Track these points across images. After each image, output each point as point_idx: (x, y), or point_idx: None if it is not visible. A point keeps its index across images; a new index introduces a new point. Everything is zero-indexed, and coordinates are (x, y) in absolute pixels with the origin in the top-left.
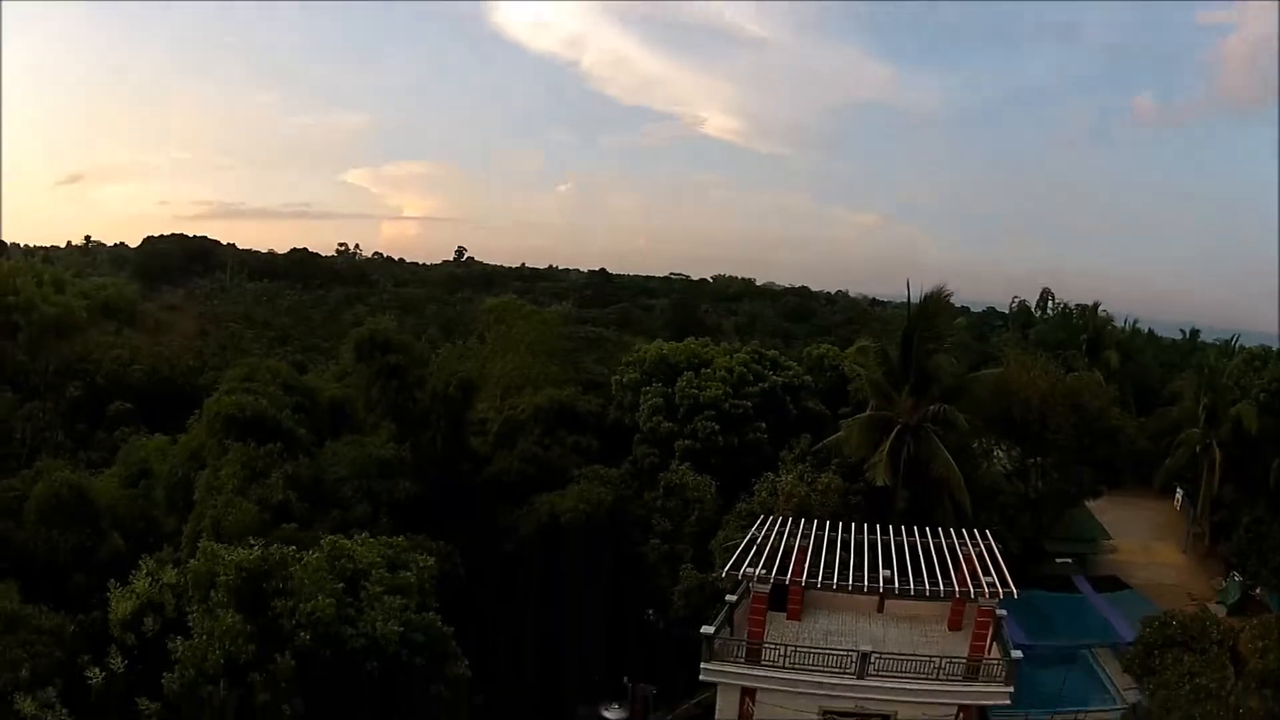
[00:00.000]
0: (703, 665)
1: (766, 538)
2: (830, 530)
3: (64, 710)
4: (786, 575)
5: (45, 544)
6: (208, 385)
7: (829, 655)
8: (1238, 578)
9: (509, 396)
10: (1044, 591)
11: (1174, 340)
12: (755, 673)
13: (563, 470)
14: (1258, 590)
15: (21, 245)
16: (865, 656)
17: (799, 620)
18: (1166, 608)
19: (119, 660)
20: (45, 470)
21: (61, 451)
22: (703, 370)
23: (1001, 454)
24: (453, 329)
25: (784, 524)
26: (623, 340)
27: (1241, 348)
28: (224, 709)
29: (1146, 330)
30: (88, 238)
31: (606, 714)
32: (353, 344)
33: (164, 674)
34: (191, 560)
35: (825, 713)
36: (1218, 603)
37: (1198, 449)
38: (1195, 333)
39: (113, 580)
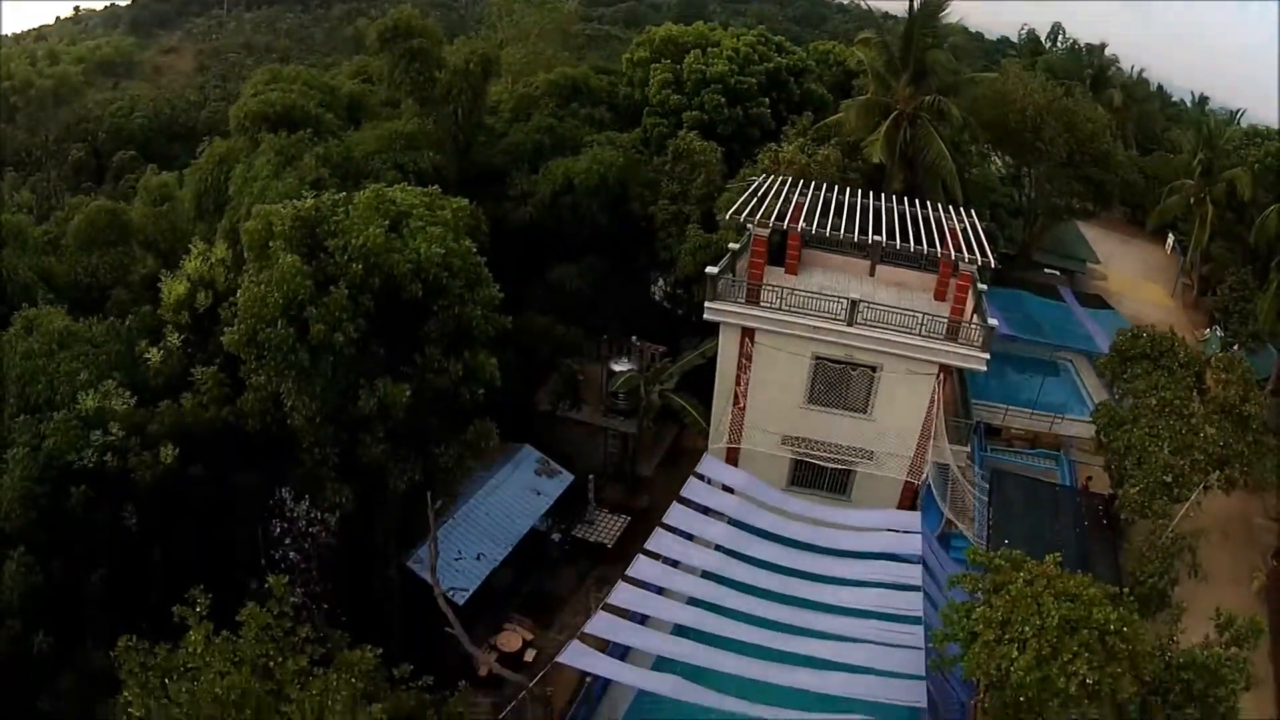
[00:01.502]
0: (706, 304)
1: (768, 192)
2: (828, 192)
3: (127, 393)
4: (785, 223)
5: (86, 270)
6: (212, 119)
7: (822, 301)
8: (1219, 332)
9: (522, 79)
10: (1031, 295)
11: (1180, 101)
12: (754, 313)
13: (575, 140)
14: (1235, 348)
15: (10, 35)
16: (855, 304)
17: (795, 275)
18: None
19: (175, 337)
20: (78, 205)
21: None
22: (710, 49)
23: (997, 161)
24: (458, 31)
25: (785, 183)
26: (629, 38)
27: (1243, 124)
28: (281, 347)
29: (1155, 86)
30: (76, 8)
31: (615, 367)
32: (375, 33)
33: (224, 329)
34: (247, 223)
35: (817, 358)
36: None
37: (1191, 201)
38: (1204, 99)
39: (163, 270)
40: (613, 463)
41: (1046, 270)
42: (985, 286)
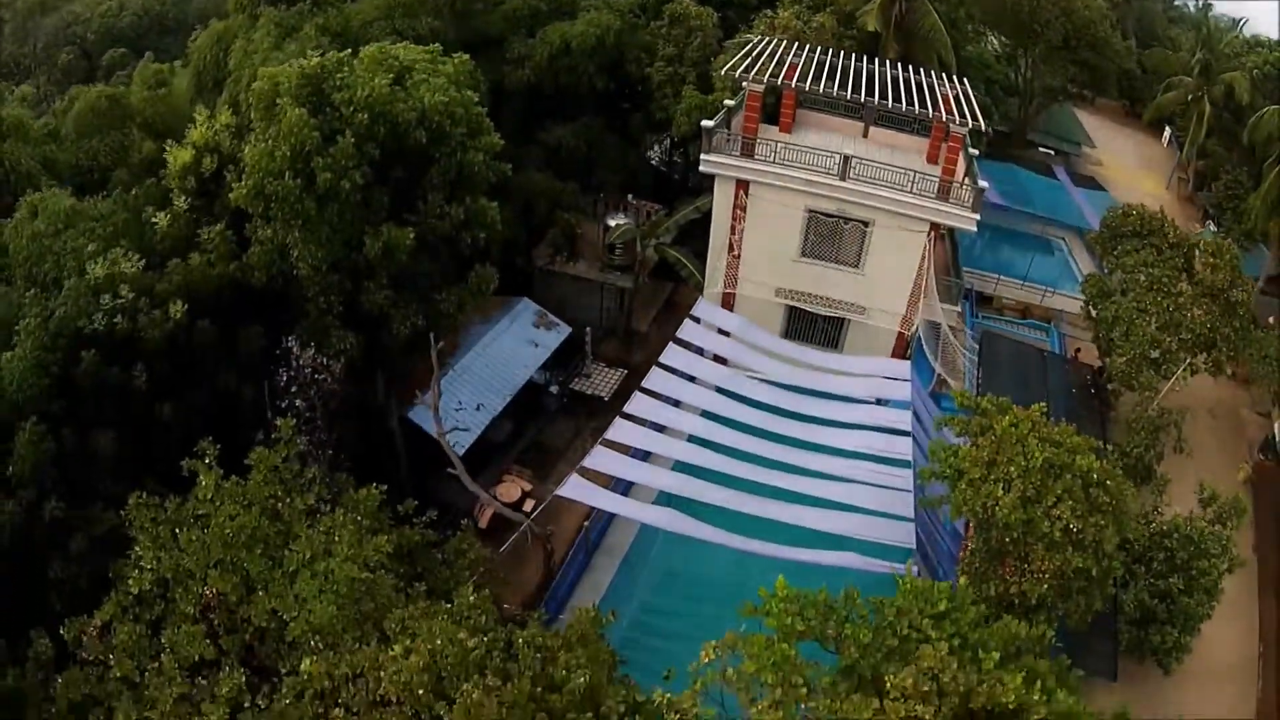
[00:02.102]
0: (702, 157)
1: (764, 52)
2: (823, 54)
3: (136, 256)
4: (780, 79)
5: (87, 155)
6: (203, 10)
7: (815, 156)
8: (1213, 228)
9: None
10: (1024, 169)
11: (1184, 3)
12: (749, 165)
13: (572, 6)
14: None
15: None
16: (847, 159)
17: (789, 134)
18: None
19: (182, 201)
20: (77, 95)
21: None
22: None
23: (994, 40)
24: None
25: (781, 45)
26: None
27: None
28: (289, 198)
29: None
30: None
31: (610, 222)
32: None
33: (231, 188)
34: (254, 84)
35: (810, 212)
36: None
37: (1189, 98)
38: (1208, 4)
39: (168, 141)
40: (609, 318)
41: (1041, 150)
42: (977, 151)
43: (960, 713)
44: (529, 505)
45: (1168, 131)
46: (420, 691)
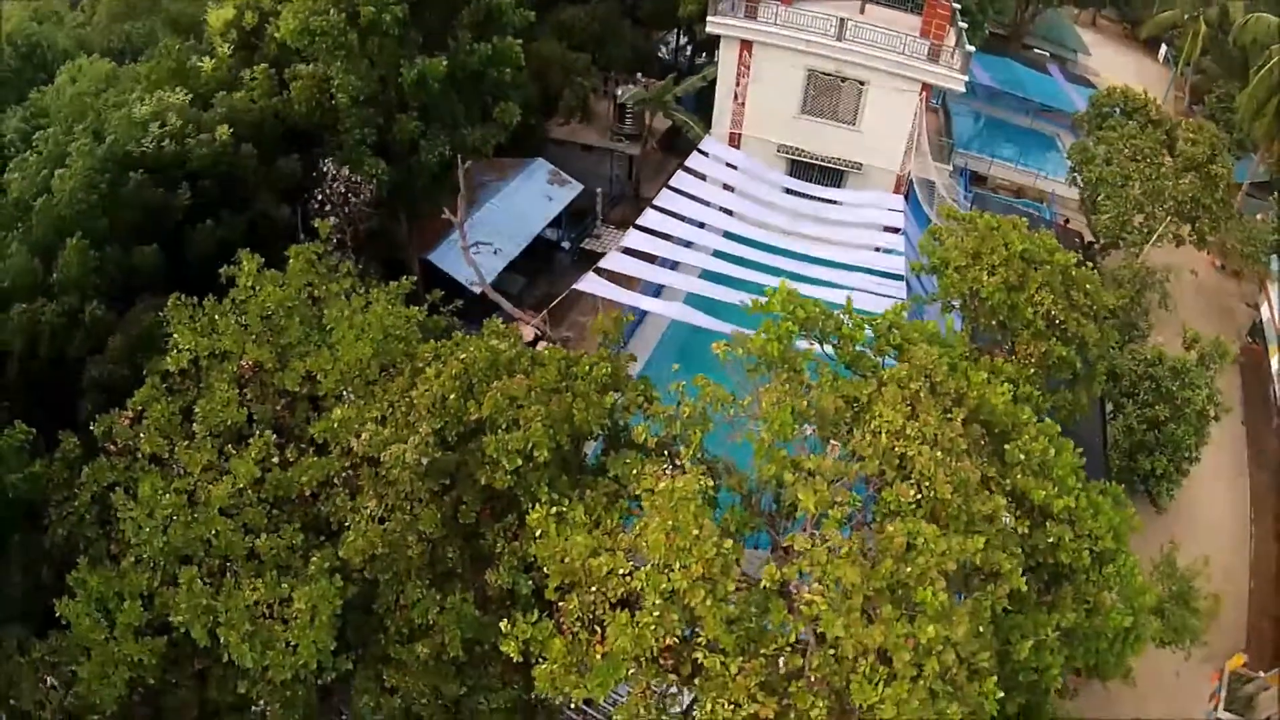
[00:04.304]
0: (709, 18)
1: None
2: None
3: (183, 92)
4: None
5: (120, 38)
6: None
7: (814, 19)
8: None
9: None
10: (1020, 64)
11: None
12: (752, 26)
13: None
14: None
15: None
16: (844, 21)
17: (790, 4)
18: None
19: (225, 47)
20: None
21: None
22: None
23: None
24: None
25: None
26: None
27: None
28: (332, 32)
29: None
30: None
31: (620, 92)
32: None
33: (274, 34)
34: None
35: (810, 72)
36: None
37: (1185, 17)
38: None
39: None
40: (618, 185)
41: (1037, 52)
42: (973, 49)
43: (952, 413)
44: (542, 346)
45: (1164, 49)
46: (451, 397)
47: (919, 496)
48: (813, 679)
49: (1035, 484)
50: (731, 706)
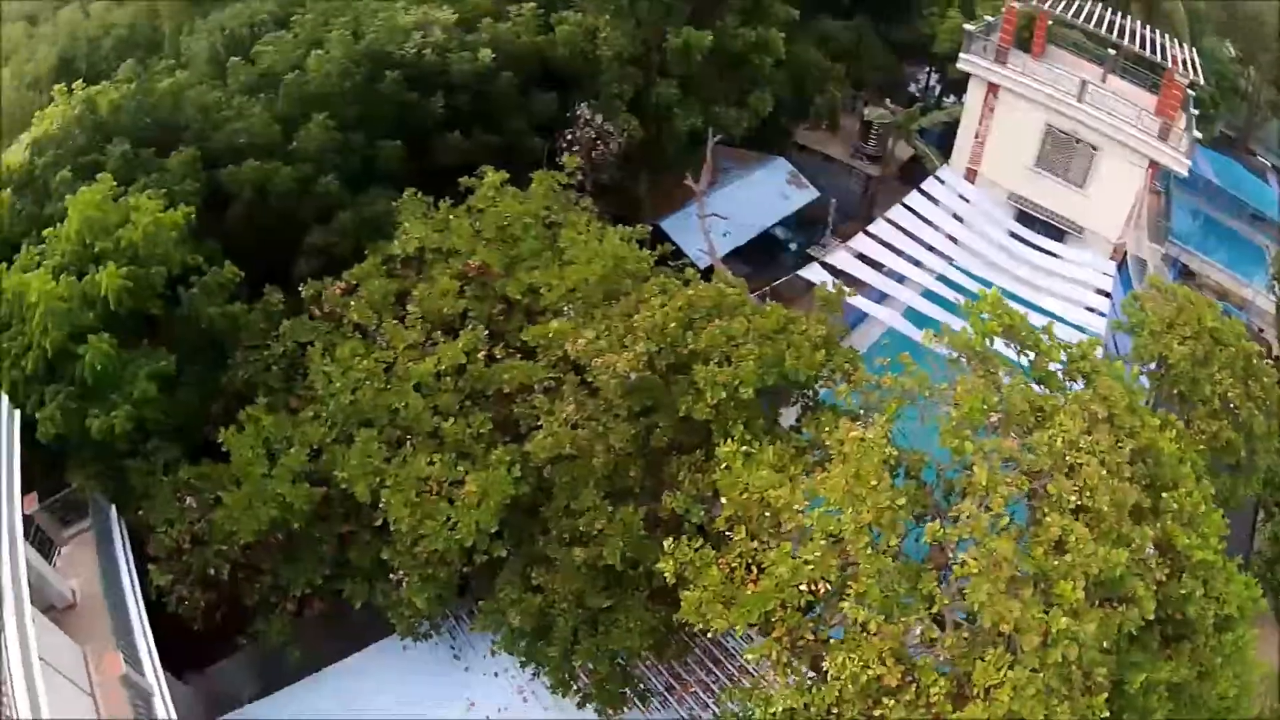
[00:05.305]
0: (961, 55)
1: None
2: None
3: (448, 9)
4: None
5: None
6: None
7: (1058, 75)
8: None
9: None
10: (1242, 167)
11: None
12: (1000, 70)
13: None
14: None
15: None
16: (1085, 83)
17: (1038, 61)
18: None
19: None
20: None
21: None
22: None
23: (1229, 47)
24: None
25: None
26: None
27: None
28: None
29: None
30: None
31: (868, 113)
32: None
33: None
34: None
35: (1049, 127)
36: None
37: None
38: None
39: None
40: (853, 200)
41: (1260, 159)
42: (1199, 135)
43: (1123, 443)
44: None
45: None
46: (672, 325)
47: (1078, 502)
48: (941, 656)
49: (1181, 531)
50: (861, 664)
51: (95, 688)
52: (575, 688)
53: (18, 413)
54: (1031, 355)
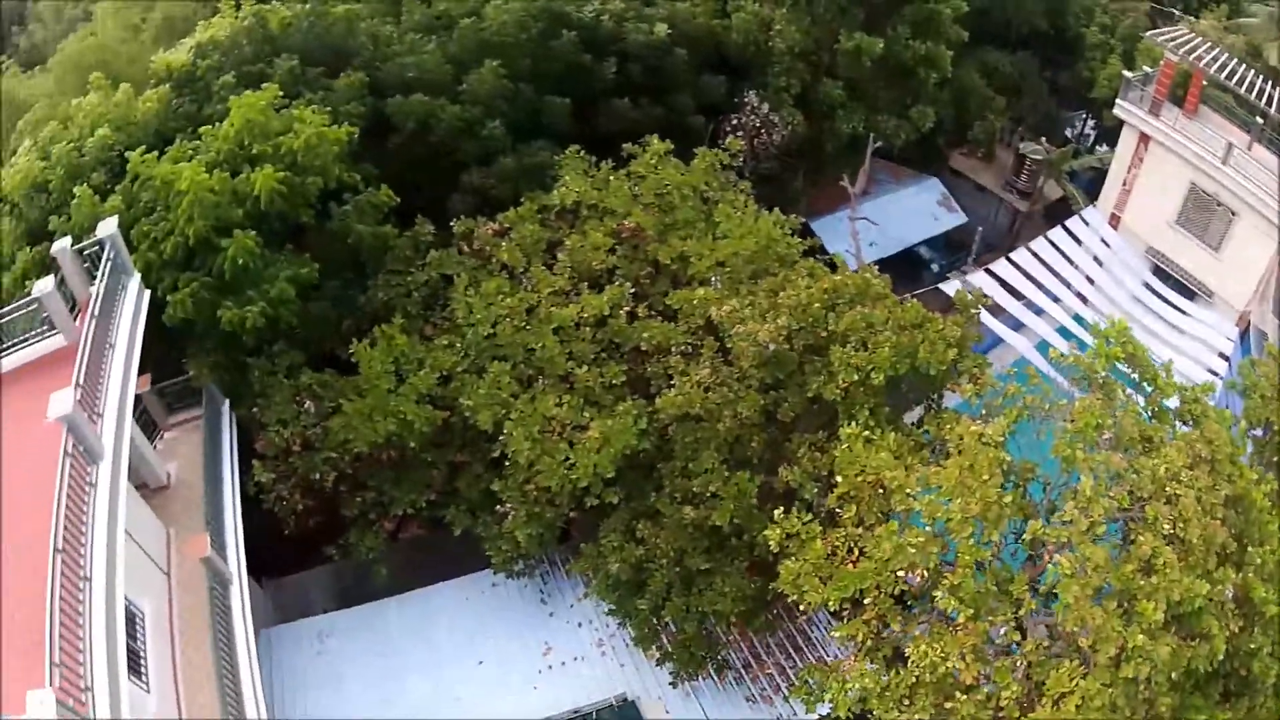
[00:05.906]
0: (1117, 101)
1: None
2: (1235, 64)
3: None
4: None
5: None
6: None
7: (1208, 136)
8: None
9: None
10: None
11: None
12: (1153, 122)
13: None
14: None
15: None
16: (1231, 146)
17: (1189, 118)
18: None
19: None
20: None
21: None
22: None
23: None
24: None
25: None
26: None
27: None
28: None
29: None
30: None
31: (1023, 147)
32: None
33: None
34: None
35: (1193, 186)
36: None
37: None
38: None
39: None
40: (998, 232)
41: None
42: None
43: (1219, 487)
44: None
45: None
46: (815, 305)
47: (1171, 531)
48: (1019, 663)
49: (1260, 585)
50: (941, 655)
51: (173, 569)
52: (658, 644)
53: (148, 294)
54: (1149, 389)
